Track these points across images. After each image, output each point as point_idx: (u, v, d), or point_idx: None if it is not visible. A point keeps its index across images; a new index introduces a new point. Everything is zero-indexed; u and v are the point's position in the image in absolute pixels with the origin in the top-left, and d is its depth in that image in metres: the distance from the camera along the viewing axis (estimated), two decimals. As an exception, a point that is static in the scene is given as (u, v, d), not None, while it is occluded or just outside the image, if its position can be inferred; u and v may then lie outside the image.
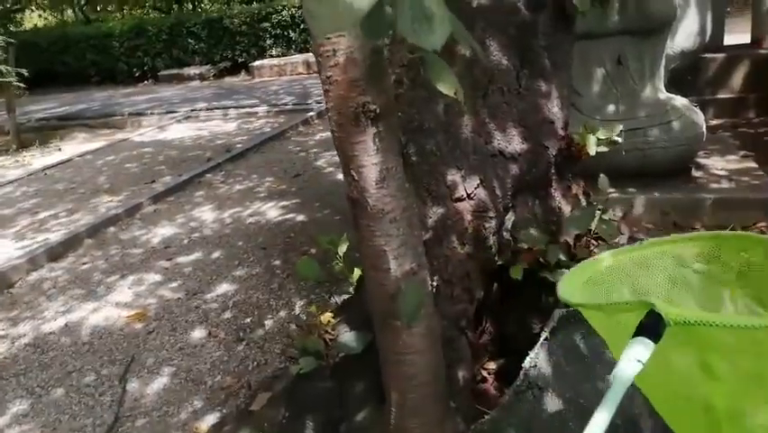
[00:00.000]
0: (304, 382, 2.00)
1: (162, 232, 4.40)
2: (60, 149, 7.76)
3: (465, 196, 1.89)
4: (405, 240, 1.48)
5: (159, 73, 13.22)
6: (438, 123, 1.90)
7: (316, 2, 0.83)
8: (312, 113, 7.73)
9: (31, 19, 18.60)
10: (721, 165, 3.84)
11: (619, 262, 1.05)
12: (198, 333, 3.01)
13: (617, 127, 2.24)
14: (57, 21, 18.40)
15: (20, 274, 3.90)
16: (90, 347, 3.01)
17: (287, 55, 12.62)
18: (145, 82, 13.36)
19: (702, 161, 3.87)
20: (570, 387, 1.65)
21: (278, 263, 3.63)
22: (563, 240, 2.12)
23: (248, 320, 3.06)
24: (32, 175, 6.49)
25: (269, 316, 3.08)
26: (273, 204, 4.67)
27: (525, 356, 1.74)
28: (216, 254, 3.87)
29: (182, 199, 5.11)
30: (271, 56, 12.72)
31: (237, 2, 14.81)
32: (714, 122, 4.80)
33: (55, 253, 4.15)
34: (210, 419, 2.38)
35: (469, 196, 1.89)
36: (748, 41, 5.53)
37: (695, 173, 3.70)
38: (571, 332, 1.73)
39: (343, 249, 2.10)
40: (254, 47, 12.84)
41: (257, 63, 12.24)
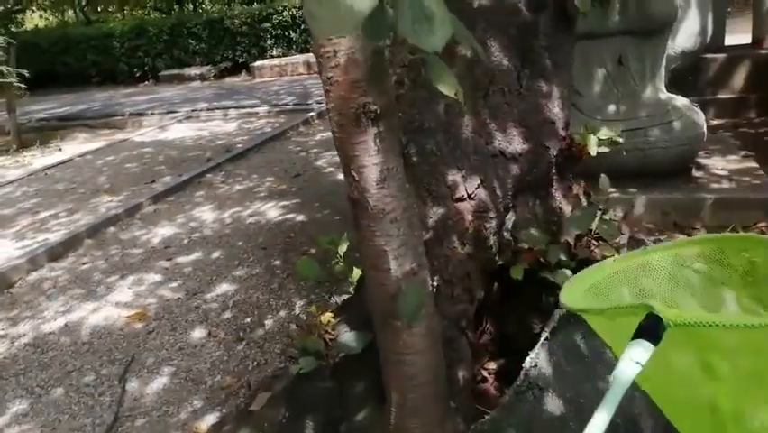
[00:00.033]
0: (304, 382, 2.00)
1: (162, 232, 4.40)
2: (61, 149, 7.76)
3: (466, 196, 1.89)
4: (405, 240, 1.48)
5: (159, 73, 13.23)
6: (439, 123, 1.90)
7: (317, 4, 0.83)
8: (312, 113, 7.73)
9: (31, 19, 18.62)
10: (722, 165, 3.84)
11: (622, 268, 1.04)
12: (198, 333, 3.01)
13: (618, 127, 2.24)
14: (58, 21, 18.42)
15: (20, 274, 3.90)
16: (90, 347, 3.01)
17: (287, 55, 12.63)
18: (146, 82, 13.37)
19: (703, 161, 3.87)
20: (570, 387, 1.65)
21: (278, 263, 3.63)
22: (564, 240, 2.12)
23: (248, 320, 3.06)
24: (33, 175, 6.50)
25: (269, 316, 3.08)
26: (273, 204, 4.67)
27: (525, 356, 1.74)
28: (216, 254, 3.87)
29: (182, 199, 5.11)
30: (272, 56, 12.73)
31: (238, 2, 14.83)
32: (715, 122, 4.80)
33: (55, 253, 4.15)
34: (210, 419, 2.38)
35: (469, 196, 1.89)
36: (749, 42, 5.53)
37: (696, 173, 3.70)
38: (572, 332, 1.73)
39: (343, 249, 2.10)
40: (255, 47, 12.86)
41: (257, 63, 12.26)
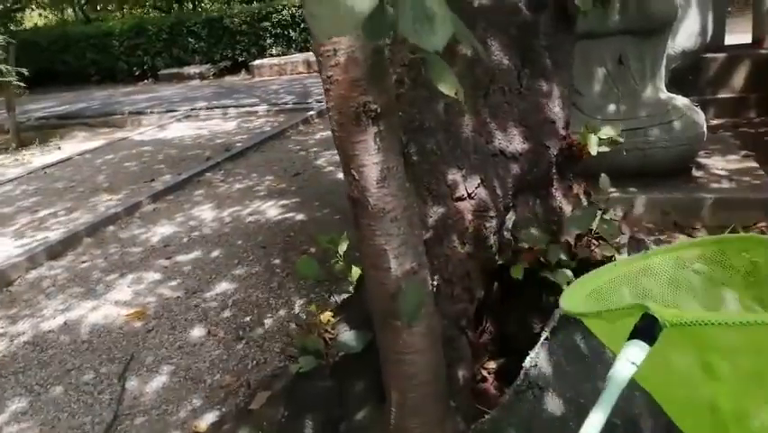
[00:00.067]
0: (303, 381, 2.00)
1: (162, 231, 4.39)
2: (60, 147, 7.76)
3: (466, 195, 1.88)
4: (405, 239, 1.48)
5: (159, 72, 13.22)
6: (439, 122, 1.90)
7: (317, 3, 0.82)
8: (312, 112, 7.73)
9: (31, 18, 18.60)
10: (722, 165, 3.84)
11: (623, 272, 1.04)
12: (198, 331, 3.00)
13: (618, 127, 2.23)
14: (57, 20, 18.40)
15: (19, 272, 3.90)
16: (89, 345, 3.00)
17: (287, 54, 12.62)
18: (145, 81, 13.36)
19: (703, 161, 3.87)
20: (570, 387, 1.65)
21: (277, 262, 3.63)
22: (564, 240, 2.12)
23: (247, 319, 3.05)
24: (32, 174, 6.49)
25: (268, 314, 3.07)
26: (273, 203, 4.67)
27: (525, 356, 1.74)
28: (216, 253, 3.87)
29: (181, 198, 5.10)
30: (271, 55, 12.72)
31: (237, 1, 14.80)
32: (715, 122, 4.80)
33: (54, 252, 4.15)
34: (209, 418, 2.38)
35: (469, 195, 1.89)
36: (749, 41, 5.53)
37: (696, 173, 3.70)
38: (572, 332, 1.73)
39: (343, 248, 2.10)
40: (254, 46, 12.85)
41: (257, 62, 12.24)
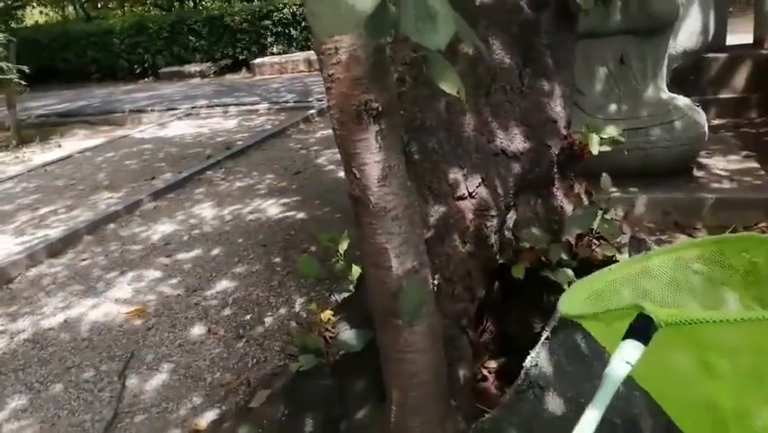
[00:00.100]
0: (304, 380, 2.00)
1: (162, 229, 4.39)
2: (60, 145, 7.75)
3: (467, 194, 1.88)
4: (406, 238, 1.48)
5: (159, 70, 13.21)
6: (440, 121, 1.89)
7: (318, 2, 0.82)
8: (313, 110, 7.72)
9: (32, 15, 18.59)
10: (723, 165, 3.84)
11: (623, 274, 1.04)
12: (198, 330, 3.00)
13: (620, 126, 2.23)
14: (58, 17, 18.39)
15: (19, 270, 3.89)
16: (89, 343, 3.00)
17: (288, 53, 12.61)
18: (146, 79, 13.35)
19: (704, 161, 3.87)
20: (571, 386, 1.65)
21: (278, 261, 3.62)
22: (565, 239, 2.11)
23: (248, 317, 3.05)
24: (32, 171, 6.49)
25: (268, 313, 3.07)
26: (273, 201, 4.67)
27: (526, 355, 1.74)
28: (216, 251, 3.87)
29: (182, 196, 5.10)
30: (272, 53, 12.71)
31: (238, -1, 14.80)
32: (716, 122, 4.79)
33: (54, 249, 4.14)
34: (209, 416, 2.38)
35: (470, 194, 1.88)
36: (750, 42, 5.52)
37: (697, 173, 3.69)
38: (573, 331, 1.73)
39: (344, 247, 2.10)
40: (255, 44, 12.84)
41: (258, 61, 12.23)
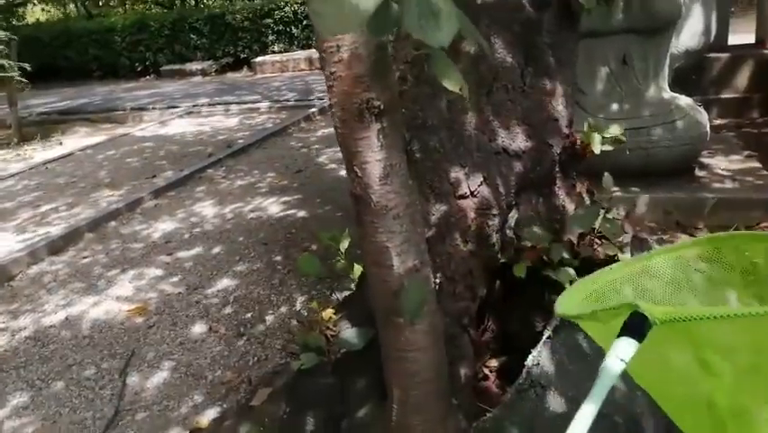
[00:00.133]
0: (305, 378, 2.00)
1: (163, 227, 4.39)
2: (62, 143, 7.76)
3: (468, 193, 1.88)
4: (408, 237, 1.47)
5: (160, 68, 13.21)
6: (442, 120, 1.89)
7: (322, 1, 0.82)
8: (314, 109, 7.72)
9: (33, 13, 18.60)
10: (725, 165, 3.84)
11: (623, 274, 1.04)
12: (199, 328, 3.00)
13: (622, 126, 2.23)
14: (59, 15, 18.40)
15: (20, 267, 3.90)
16: (90, 341, 3.01)
17: (289, 51, 12.61)
18: (147, 77, 13.35)
19: (706, 161, 3.87)
20: (572, 386, 1.65)
21: (279, 259, 3.62)
22: (567, 238, 2.11)
23: (249, 315, 3.06)
24: (34, 169, 6.49)
25: (269, 311, 3.07)
26: (274, 200, 4.67)
27: (527, 354, 1.74)
28: (217, 249, 3.87)
29: (183, 194, 5.10)
30: (273, 52, 12.70)
31: (240, -3, 14.79)
32: (718, 121, 4.79)
33: (56, 247, 4.15)
34: (210, 414, 2.38)
35: (472, 193, 1.88)
36: (752, 42, 5.51)
37: (698, 173, 3.69)
38: (574, 331, 1.73)
39: (345, 245, 2.10)
40: (256, 43, 12.83)
41: (259, 59, 12.23)
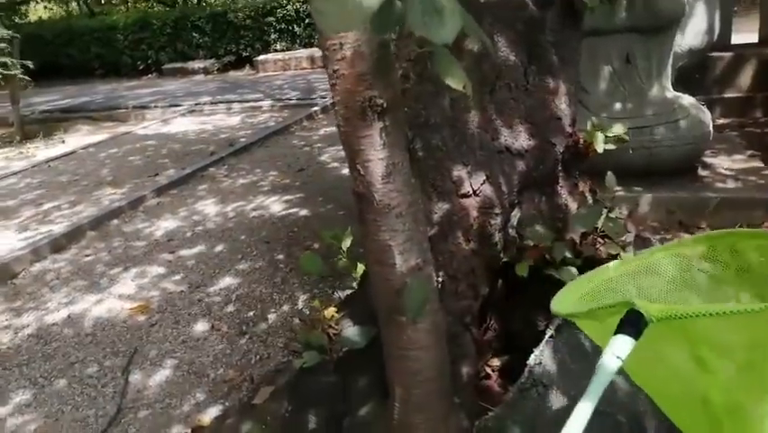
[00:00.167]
0: (307, 377, 2.00)
1: (165, 225, 4.40)
2: (64, 141, 7.77)
3: (471, 192, 1.88)
4: (410, 235, 1.47)
5: (163, 66, 13.22)
6: (445, 118, 1.89)
7: (325, 0, 0.82)
8: (316, 108, 7.72)
9: (35, 11, 18.62)
10: (728, 164, 3.83)
11: (620, 273, 1.03)
12: (201, 326, 3.01)
13: (625, 125, 2.22)
14: (61, 13, 18.42)
15: (23, 265, 3.90)
16: (93, 339, 3.01)
17: (291, 50, 12.61)
18: (149, 75, 13.37)
19: (709, 160, 3.86)
20: (574, 385, 1.64)
21: (281, 257, 3.63)
22: (569, 237, 2.11)
23: (251, 314, 3.06)
24: (36, 167, 6.50)
25: (272, 310, 3.07)
26: (277, 198, 4.67)
27: (529, 353, 1.74)
28: (219, 248, 3.87)
29: (185, 193, 5.11)
30: (276, 50, 12.71)
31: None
32: (721, 121, 4.77)
33: (58, 245, 4.15)
34: (213, 412, 2.38)
35: (475, 192, 1.88)
36: (756, 41, 5.50)
37: (701, 172, 3.68)
38: (577, 330, 1.72)
39: (347, 244, 2.10)
40: (259, 41, 12.84)
41: (261, 58, 12.23)
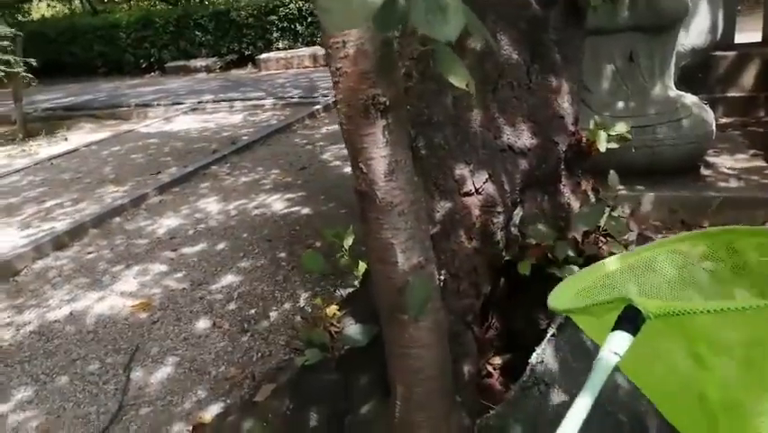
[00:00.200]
0: (309, 374, 2.00)
1: (167, 223, 4.40)
2: (67, 139, 7.78)
3: (473, 190, 1.87)
4: (413, 233, 1.47)
5: (165, 65, 13.23)
6: (447, 116, 1.89)
7: (329, -2, 0.82)
8: (318, 106, 7.72)
9: (38, 9, 18.65)
10: (730, 164, 3.82)
11: (616, 268, 1.03)
12: (203, 323, 3.01)
13: (627, 124, 2.22)
14: (64, 11, 18.43)
15: (25, 262, 3.91)
16: (95, 336, 3.02)
17: (293, 48, 12.61)
18: (152, 74, 13.37)
19: (711, 160, 3.85)
20: (576, 383, 1.64)
21: (283, 255, 3.63)
22: (572, 236, 2.11)
23: (252, 312, 3.06)
24: (39, 164, 6.51)
25: (273, 307, 3.08)
26: (279, 196, 4.67)
27: (531, 352, 1.74)
28: (221, 246, 3.88)
29: (187, 191, 5.11)
30: (278, 49, 12.71)
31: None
32: (724, 120, 4.76)
33: (60, 242, 4.16)
34: (214, 409, 2.38)
35: (477, 190, 1.88)
36: (759, 40, 5.48)
37: (704, 171, 3.68)
38: (578, 328, 1.72)
39: (349, 242, 2.10)
40: (261, 40, 12.84)
41: (263, 56, 12.24)
